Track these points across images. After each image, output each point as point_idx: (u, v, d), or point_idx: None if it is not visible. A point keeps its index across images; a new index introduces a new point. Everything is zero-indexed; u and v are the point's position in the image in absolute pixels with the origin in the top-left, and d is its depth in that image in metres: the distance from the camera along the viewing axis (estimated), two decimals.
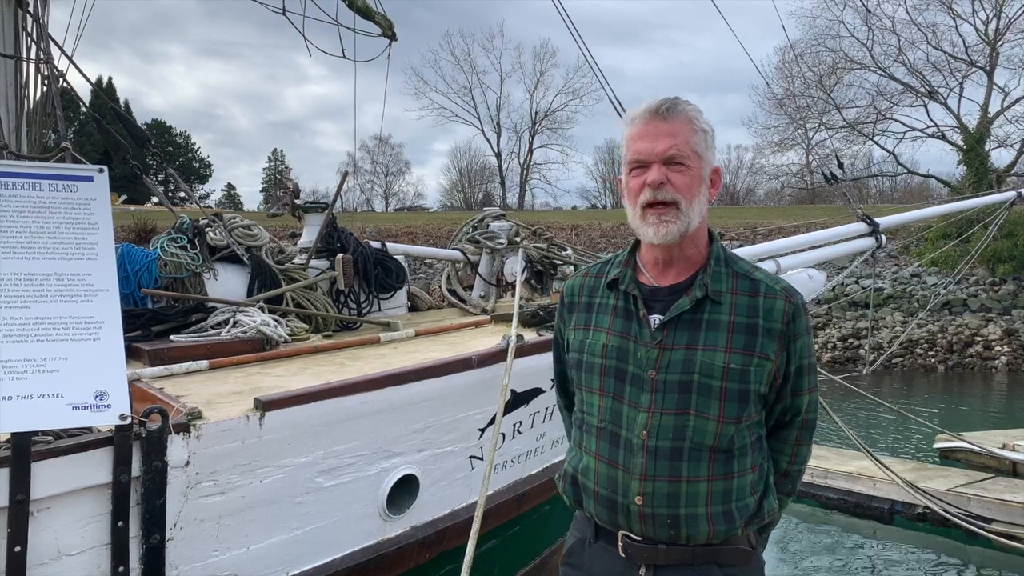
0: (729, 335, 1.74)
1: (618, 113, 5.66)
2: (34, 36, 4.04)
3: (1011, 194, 7.62)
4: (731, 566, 1.78)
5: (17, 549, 2.11)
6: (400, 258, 5.11)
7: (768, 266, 5.22)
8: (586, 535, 1.90)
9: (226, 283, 4.13)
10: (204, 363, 3.30)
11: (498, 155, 56.42)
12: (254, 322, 3.67)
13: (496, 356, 3.38)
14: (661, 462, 1.73)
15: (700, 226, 1.83)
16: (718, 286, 1.80)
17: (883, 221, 6.07)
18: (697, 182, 1.78)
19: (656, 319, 1.79)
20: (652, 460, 1.74)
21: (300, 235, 5.11)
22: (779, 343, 1.76)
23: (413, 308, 5.32)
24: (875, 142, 31.23)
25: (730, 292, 1.79)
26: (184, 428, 2.44)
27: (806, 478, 8.50)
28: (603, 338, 1.85)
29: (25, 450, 2.10)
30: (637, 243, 1.92)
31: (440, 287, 5.64)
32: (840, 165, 7.76)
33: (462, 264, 5.65)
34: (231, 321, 3.71)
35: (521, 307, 4.03)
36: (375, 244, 5.05)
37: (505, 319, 4.38)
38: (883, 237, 5.98)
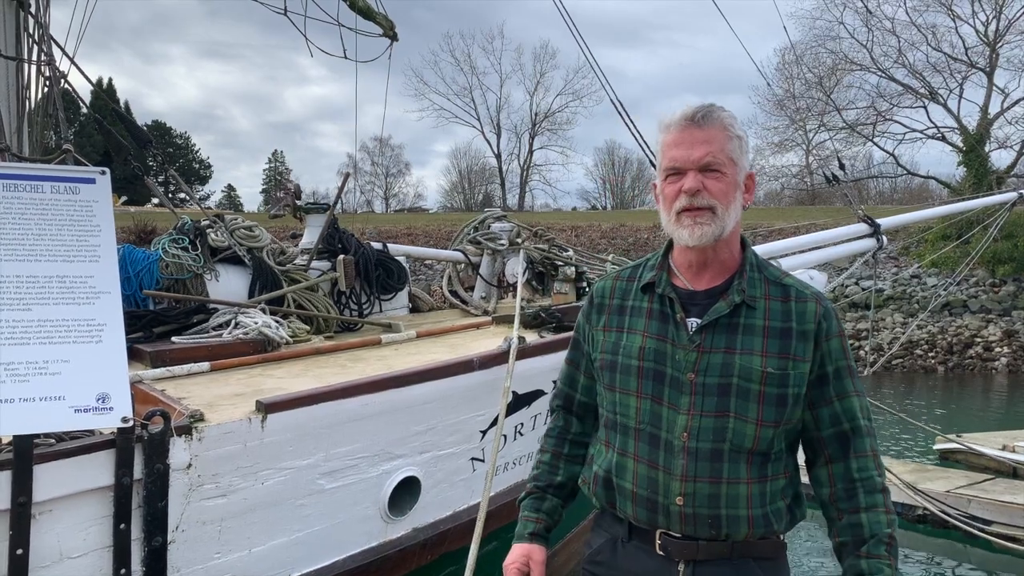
0: (765, 339, 1.77)
1: (619, 113, 5.66)
2: (35, 37, 4.04)
3: (1012, 195, 7.62)
4: (765, 559, 1.81)
5: (19, 552, 2.11)
6: (401, 259, 5.11)
7: None
8: (617, 535, 1.89)
9: (227, 284, 4.13)
10: (206, 365, 3.30)
11: (498, 156, 56.37)
12: (255, 323, 3.67)
13: (498, 358, 3.38)
14: (702, 463, 1.75)
15: (734, 231, 1.85)
16: (753, 291, 1.82)
17: (884, 222, 6.07)
18: (732, 188, 1.80)
19: (694, 322, 1.80)
20: (693, 461, 1.75)
21: (301, 236, 5.12)
22: (812, 344, 1.78)
23: (414, 309, 5.33)
24: (875, 143, 31.26)
25: (763, 297, 1.81)
26: (186, 430, 2.44)
27: (806, 480, 8.50)
28: (639, 340, 1.85)
29: (27, 453, 2.10)
30: (669, 247, 1.93)
31: (441, 288, 5.64)
32: (842, 166, 7.77)
33: (463, 265, 5.65)
34: (232, 322, 3.71)
35: (523, 308, 4.03)
36: (376, 245, 5.06)
37: (506, 320, 4.38)
38: (884, 238, 5.98)
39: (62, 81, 3.91)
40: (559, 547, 4.15)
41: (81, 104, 4.44)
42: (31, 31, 4.09)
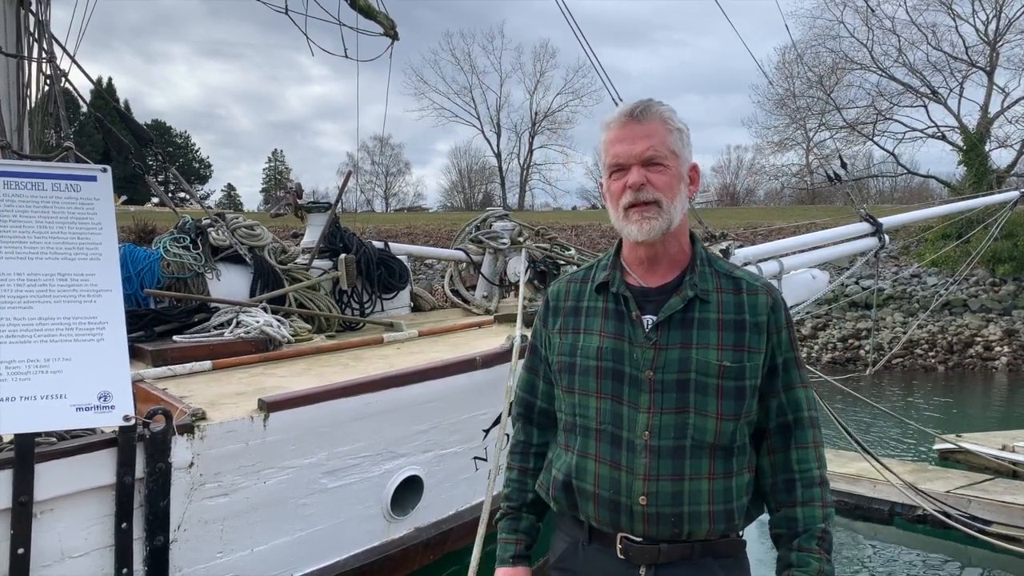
0: (720, 333, 1.78)
1: None
2: (36, 35, 4.02)
3: (1014, 194, 7.62)
4: (726, 557, 1.81)
5: (20, 551, 2.10)
6: (403, 258, 5.10)
7: (772, 266, 5.21)
8: (578, 539, 1.88)
9: (229, 283, 4.12)
10: (207, 363, 3.29)
11: (498, 155, 56.30)
12: (257, 322, 3.66)
13: (500, 357, 3.37)
14: (664, 461, 1.74)
15: (682, 224, 1.86)
16: (705, 285, 1.83)
17: (886, 221, 6.06)
18: (676, 180, 1.82)
19: (649, 320, 1.81)
20: (656, 459, 1.75)
21: (302, 235, 5.11)
22: (765, 335, 1.80)
23: (416, 308, 5.32)
24: (875, 142, 31.22)
25: (716, 291, 1.83)
26: (188, 429, 2.42)
27: None
28: (596, 340, 1.85)
29: (29, 451, 2.09)
30: (620, 247, 1.94)
31: (443, 287, 5.63)
32: (844, 164, 7.77)
33: (465, 264, 5.63)
34: (234, 321, 3.70)
35: (525, 307, 4.01)
36: (378, 244, 5.04)
37: (508, 319, 4.37)
38: (886, 237, 5.97)
39: (63, 79, 3.89)
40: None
41: (81, 103, 4.42)
42: (32, 29, 4.08)
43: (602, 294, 1.90)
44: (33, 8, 4.07)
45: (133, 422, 2.20)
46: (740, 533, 1.86)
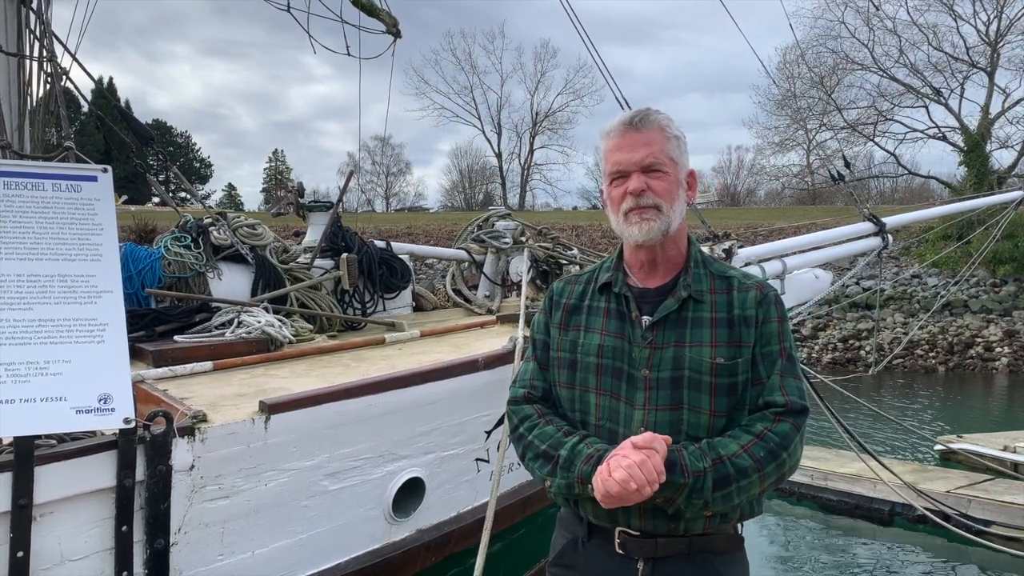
0: (713, 330, 1.82)
1: (624, 111, 5.62)
2: (37, 34, 4.00)
3: (1018, 194, 7.62)
4: (723, 553, 1.84)
5: (20, 554, 2.08)
6: (404, 258, 5.08)
7: (775, 266, 5.20)
8: (577, 535, 1.91)
9: (230, 283, 4.10)
10: (208, 364, 3.28)
11: (499, 155, 56.30)
12: (259, 322, 3.64)
13: (503, 358, 3.36)
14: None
15: (680, 228, 1.92)
16: (699, 286, 1.88)
17: (889, 221, 6.06)
18: (675, 186, 1.88)
19: (646, 320, 1.87)
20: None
21: (304, 234, 5.09)
22: (753, 327, 1.84)
23: (418, 308, 5.30)
24: (876, 143, 31.23)
25: (710, 291, 1.88)
26: (189, 431, 2.41)
27: (806, 480, 8.44)
28: (597, 338, 1.90)
29: (28, 454, 2.07)
30: (622, 250, 1.99)
31: (445, 287, 5.61)
32: (847, 164, 7.77)
33: (467, 264, 5.62)
34: (235, 321, 3.68)
35: (527, 307, 4.00)
36: (380, 243, 5.03)
37: (511, 319, 4.35)
38: (890, 237, 5.96)
39: (64, 78, 3.88)
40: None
41: (83, 102, 4.40)
42: (33, 27, 4.06)
43: (604, 294, 1.95)
44: (34, 6, 4.05)
45: (133, 424, 2.19)
46: (739, 529, 1.90)
